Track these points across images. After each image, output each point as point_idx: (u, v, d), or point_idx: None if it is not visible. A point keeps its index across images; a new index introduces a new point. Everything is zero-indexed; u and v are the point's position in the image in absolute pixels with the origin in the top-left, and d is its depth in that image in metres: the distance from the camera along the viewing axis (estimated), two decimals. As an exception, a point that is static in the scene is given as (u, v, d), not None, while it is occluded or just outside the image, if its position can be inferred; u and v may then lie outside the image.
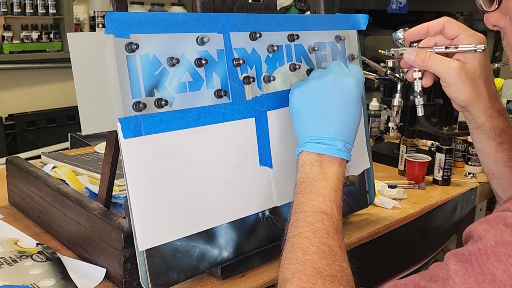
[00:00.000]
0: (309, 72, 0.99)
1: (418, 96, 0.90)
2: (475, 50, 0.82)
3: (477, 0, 0.72)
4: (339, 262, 0.71)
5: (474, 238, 0.55)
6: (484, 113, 0.85)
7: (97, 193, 0.92)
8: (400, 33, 0.89)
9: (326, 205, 0.76)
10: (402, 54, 0.87)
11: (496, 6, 0.67)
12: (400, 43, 0.89)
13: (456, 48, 0.84)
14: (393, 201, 1.26)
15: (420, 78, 0.88)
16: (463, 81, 0.82)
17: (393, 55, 0.91)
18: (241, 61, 0.87)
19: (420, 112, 0.91)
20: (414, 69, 0.88)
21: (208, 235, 0.85)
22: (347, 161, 0.81)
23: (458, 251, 0.55)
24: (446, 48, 0.84)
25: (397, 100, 1.49)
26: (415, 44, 0.87)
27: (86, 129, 0.75)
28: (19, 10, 3.30)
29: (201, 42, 0.83)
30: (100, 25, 3.69)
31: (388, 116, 1.85)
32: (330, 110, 0.81)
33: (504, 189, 0.94)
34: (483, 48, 0.82)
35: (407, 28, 0.89)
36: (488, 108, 0.85)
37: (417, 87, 0.89)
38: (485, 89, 0.84)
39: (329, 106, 0.81)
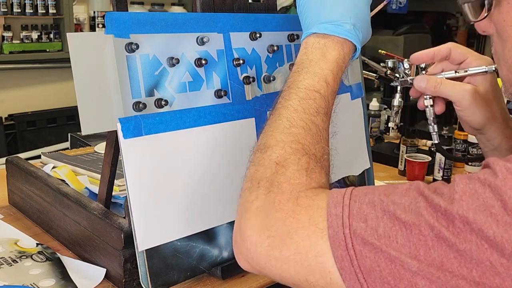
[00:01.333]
0: None
1: (432, 124, 0.89)
2: (486, 72, 0.82)
3: (464, 11, 0.71)
4: (323, 144, 0.68)
5: (491, 168, 0.52)
6: (500, 134, 0.85)
7: (97, 193, 0.92)
8: (405, 64, 0.89)
9: (321, 85, 0.72)
10: (411, 82, 0.87)
11: (486, 15, 0.66)
12: (406, 73, 0.89)
13: (466, 71, 0.83)
14: (393, 201, 1.25)
15: (432, 106, 0.87)
16: (477, 103, 0.82)
17: (401, 84, 0.90)
18: (241, 61, 0.87)
19: (435, 139, 0.90)
20: (425, 96, 0.87)
21: (208, 235, 0.85)
22: (355, 47, 0.77)
23: (472, 175, 0.52)
24: (455, 72, 0.84)
25: (397, 100, 1.48)
26: (423, 72, 0.87)
27: (86, 129, 0.75)
28: (19, 10, 3.30)
29: (201, 42, 0.83)
30: (100, 25, 3.69)
31: (388, 116, 1.85)
32: None
33: None
34: (494, 68, 0.81)
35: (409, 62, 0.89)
36: (503, 128, 0.85)
37: (430, 115, 0.88)
38: (498, 110, 0.84)
39: None
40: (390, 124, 1.18)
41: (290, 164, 0.63)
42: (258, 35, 0.90)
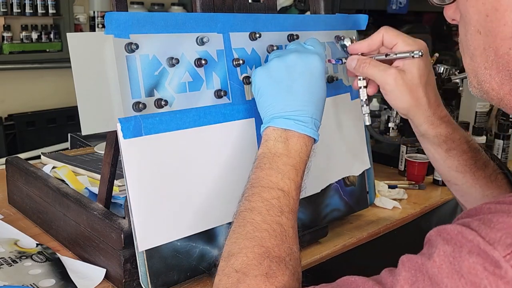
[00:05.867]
0: None
1: (365, 105, 0.89)
2: (413, 56, 0.81)
3: None
4: (289, 244, 0.68)
5: (432, 246, 0.52)
6: (425, 121, 0.85)
7: (97, 193, 0.92)
8: (346, 42, 0.89)
9: (285, 182, 0.72)
10: (345, 62, 0.88)
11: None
12: (345, 51, 0.89)
13: (396, 54, 0.83)
14: (393, 201, 1.26)
15: (365, 87, 0.88)
16: (400, 88, 0.81)
17: (337, 62, 0.91)
18: (241, 61, 0.87)
19: (367, 121, 0.90)
20: (359, 77, 0.88)
21: (208, 236, 0.85)
22: (315, 141, 0.78)
23: (413, 257, 0.52)
24: (386, 55, 0.84)
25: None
26: (359, 53, 0.87)
27: (86, 129, 0.75)
28: (19, 10, 3.30)
29: (201, 42, 0.83)
30: (100, 25, 3.69)
31: (388, 116, 1.84)
32: (295, 86, 0.77)
33: (462, 195, 0.93)
34: (420, 54, 0.81)
35: (354, 38, 0.90)
36: (428, 115, 0.84)
37: (363, 96, 0.88)
38: (424, 97, 0.83)
39: (294, 82, 0.77)
40: (390, 125, 1.18)
41: (251, 270, 0.63)
42: (258, 35, 0.90)
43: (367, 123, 0.90)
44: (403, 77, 0.81)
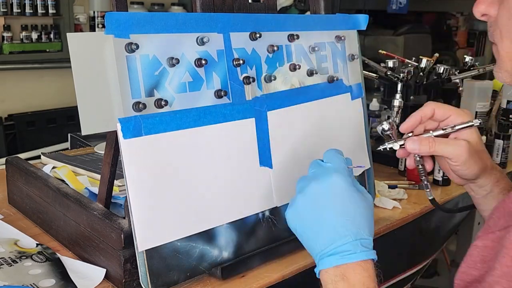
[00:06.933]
0: (309, 72, 0.99)
1: (426, 181, 0.90)
2: (473, 125, 0.84)
3: None
4: None
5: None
6: (491, 180, 0.88)
7: (97, 193, 0.92)
8: (385, 125, 0.90)
9: None
10: (402, 145, 0.87)
11: None
12: (388, 135, 0.90)
13: (453, 127, 0.85)
14: (393, 201, 1.26)
15: (423, 164, 0.89)
16: (473, 157, 0.84)
17: (391, 149, 0.89)
18: (241, 61, 0.87)
19: (429, 195, 0.92)
20: (416, 156, 0.89)
21: (208, 236, 0.85)
22: (373, 260, 0.72)
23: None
24: (443, 129, 0.86)
25: (397, 101, 1.49)
26: (409, 134, 0.89)
27: (86, 129, 0.75)
28: (19, 11, 3.29)
29: (201, 42, 0.83)
30: (100, 25, 3.69)
31: (388, 116, 1.85)
32: (324, 217, 0.72)
33: None
34: (480, 122, 0.84)
35: (390, 120, 0.91)
36: (493, 174, 0.88)
37: (422, 174, 0.90)
38: (488, 158, 0.87)
39: (323, 214, 0.73)
40: (390, 124, 1.18)
41: None
42: (258, 35, 0.90)
43: (430, 197, 0.92)
44: (472, 146, 0.84)
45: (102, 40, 0.74)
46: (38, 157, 1.34)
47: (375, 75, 1.60)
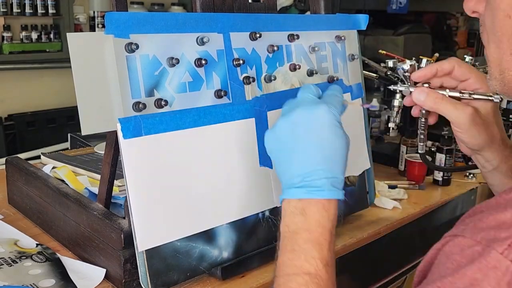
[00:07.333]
0: (309, 72, 0.99)
1: (423, 135, 0.87)
2: (492, 100, 0.79)
3: None
4: None
5: (432, 271, 0.53)
6: (498, 155, 0.83)
7: (97, 193, 0.92)
8: (406, 66, 0.84)
9: (310, 263, 0.66)
10: (411, 92, 0.83)
11: None
12: (405, 76, 0.85)
13: (471, 96, 0.80)
14: (393, 201, 1.26)
15: (426, 117, 0.85)
16: (477, 127, 0.79)
17: (400, 91, 0.87)
18: (241, 61, 0.87)
19: (421, 149, 0.89)
20: (423, 108, 0.84)
21: (208, 236, 0.85)
22: (339, 200, 0.71)
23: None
24: (460, 93, 0.80)
25: (397, 101, 1.48)
26: (426, 85, 0.82)
27: (86, 129, 0.75)
28: (19, 10, 3.30)
29: (201, 42, 0.83)
30: (100, 25, 3.69)
31: (388, 117, 1.84)
32: (302, 147, 0.71)
33: None
34: (500, 99, 0.79)
35: (414, 61, 0.85)
36: (502, 150, 0.83)
37: (422, 127, 0.86)
38: (498, 132, 0.82)
39: (300, 143, 0.71)
40: (390, 125, 1.18)
41: None
42: (258, 35, 0.90)
43: (421, 151, 0.88)
44: (480, 116, 0.79)
45: (102, 40, 0.74)
46: (38, 157, 1.34)
47: (375, 75, 1.60)
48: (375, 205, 1.22)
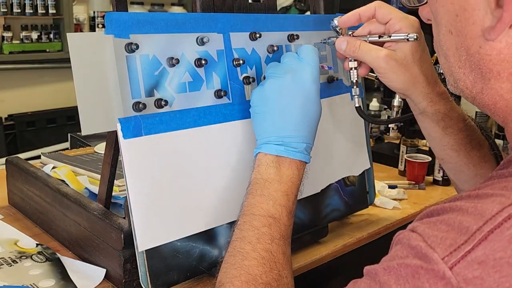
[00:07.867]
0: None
1: (354, 86, 0.87)
2: (407, 39, 0.80)
3: None
4: (278, 270, 0.70)
5: (389, 252, 0.54)
6: (424, 98, 0.83)
7: (97, 193, 0.92)
8: (336, 21, 0.85)
9: (276, 209, 0.74)
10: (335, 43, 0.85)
11: (425, 0, 0.65)
12: (337, 31, 0.86)
13: (390, 36, 0.81)
14: (393, 201, 1.26)
15: (356, 68, 0.86)
16: (394, 69, 0.80)
17: (325, 42, 0.88)
18: (241, 61, 0.87)
19: (357, 103, 0.89)
20: (350, 58, 0.86)
21: (208, 236, 0.85)
22: (306, 163, 0.79)
23: (372, 267, 0.53)
24: (379, 37, 0.82)
25: (397, 100, 1.49)
26: (350, 33, 0.84)
27: (86, 129, 0.75)
28: (19, 10, 3.30)
29: (201, 42, 0.83)
30: (100, 25, 3.69)
31: (388, 116, 1.85)
32: (288, 109, 0.78)
33: (455, 173, 0.92)
34: (415, 37, 0.79)
35: (343, 15, 0.86)
36: (427, 92, 0.83)
37: (353, 77, 0.87)
38: (421, 74, 0.82)
39: (287, 105, 0.78)
40: (390, 124, 1.18)
41: None
42: (258, 35, 0.90)
43: (357, 105, 0.89)
44: (395, 58, 0.80)
45: (102, 40, 0.74)
46: (38, 157, 1.34)
47: (375, 75, 1.60)
48: (375, 205, 1.22)
